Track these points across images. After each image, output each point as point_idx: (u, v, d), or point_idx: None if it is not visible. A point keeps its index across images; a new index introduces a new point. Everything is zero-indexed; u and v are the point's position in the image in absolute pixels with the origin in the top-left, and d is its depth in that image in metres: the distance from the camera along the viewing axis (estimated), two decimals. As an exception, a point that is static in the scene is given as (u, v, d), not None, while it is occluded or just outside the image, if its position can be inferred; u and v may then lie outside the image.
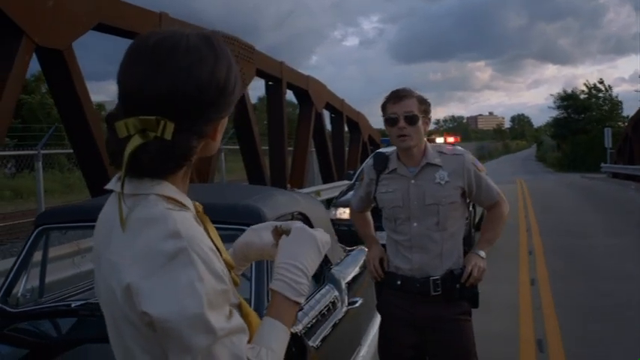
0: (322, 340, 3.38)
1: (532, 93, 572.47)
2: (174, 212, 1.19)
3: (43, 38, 7.24)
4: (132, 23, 9.16)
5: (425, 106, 3.13)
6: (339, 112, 23.27)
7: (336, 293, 3.88)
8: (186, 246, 1.15)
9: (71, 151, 9.87)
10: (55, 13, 7.33)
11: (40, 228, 3.41)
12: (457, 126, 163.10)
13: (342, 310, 3.83)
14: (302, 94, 18.59)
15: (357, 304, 3.95)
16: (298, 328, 3.15)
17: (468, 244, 10.67)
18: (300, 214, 3.82)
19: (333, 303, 3.78)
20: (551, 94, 75.05)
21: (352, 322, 3.99)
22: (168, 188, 1.24)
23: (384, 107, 3.15)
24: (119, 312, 1.21)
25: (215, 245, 1.27)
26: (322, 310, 3.56)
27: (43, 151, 9.68)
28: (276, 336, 1.29)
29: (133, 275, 1.15)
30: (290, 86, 17.35)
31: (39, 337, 3.32)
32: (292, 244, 1.39)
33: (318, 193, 16.30)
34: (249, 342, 1.25)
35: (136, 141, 1.18)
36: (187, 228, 1.18)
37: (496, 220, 3.30)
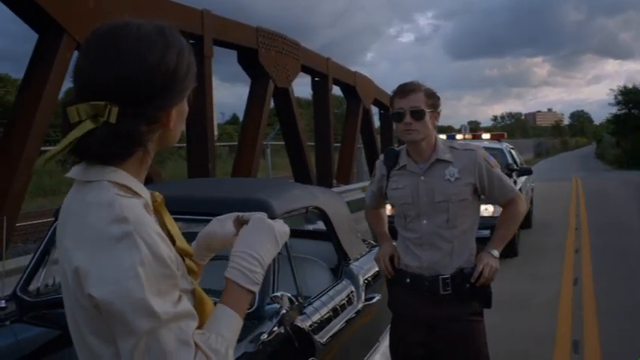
0: (334, 336, 3.36)
1: (592, 89, 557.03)
2: (122, 198, 1.21)
3: (84, 36, 7.36)
4: (173, 21, 9.25)
5: (433, 100, 3.05)
6: (387, 108, 23.02)
7: (353, 289, 3.85)
8: (132, 230, 1.16)
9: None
10: (95, 12, 7.49)
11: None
12: (515, 123, 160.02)
13: (358, 306, 3.80)
14: (349, 90, 18.54)
15: (373, 300, 3.90)
16: (306, 323, 3.14)
17: (511, 243, 10.50)
18: (317, 208, 3.80)
19: (349, 299, 3.75)
20: (611, 89, 72.84)
21: (370, 319, 3.95)
22: (121, 176, 1.25)
23: (391, 102, 3.10)
24: (72, 296, 1.23)
25: (169, 233, 1.30)
26: (335, 305, 3.53)
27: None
28: (228, 323, 1.29)
29: (81, 258, 1.17)
30: (337, 82, 17.31)
31: (55, 324, 3.38)
32: (250, 233, 1.40)
33: (364, 189, 16.24)
34: (200, 329, 1.25)
35: (86, 126, 1.20)
36: (134, 214, 1.19)
37: (511, 218, 3.19)
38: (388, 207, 3.51)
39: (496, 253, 3.09)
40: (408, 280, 3.11)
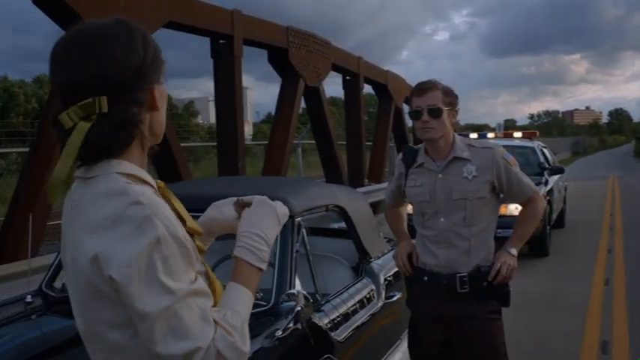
0: (352, 334, 3.38)
1: (631, 86, 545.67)
2: (134, 185, 1.26)
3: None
4: (203, 21, 9.38)
5: (450, 98, 3.05)
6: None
7: (373, 287, 3.86)
8: (149, 213, 1.21)
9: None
10: (126, 12, 7.60)
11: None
12: (552, 121, 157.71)
13: (378, 304, 3.81)
14: (381, 89, 18.49)
15: (394, 299, 3.91)
16: (324, 320, 3.16)
17: (542, 242, 10.33)
18: (337, 206, 3.82)
19: (369, 297, 3.76)
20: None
21: (391, 317, 3.96)
22: (127, 166, 1.31)
23: (409, 100, 3.11)
24: (87, 286, 1.26)
25: (179, 214, 1.35)
26: (354, 303, 3.55)
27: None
28: (241, 299, 1.35)
29: (99, 245, 1.21)
30: (368, 81, 17.28)
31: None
32: (254, 214, 1.47)
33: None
34: (214, 307, 1.30)
35: (83, 126, 1.26)
36: (148, 198, 1.25)
37: (529, 217, 3.17)
38: (410, 206, 3.52)
39: (514, 251, 3.08)
40: (425, 278, 3.12)
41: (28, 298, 3.29)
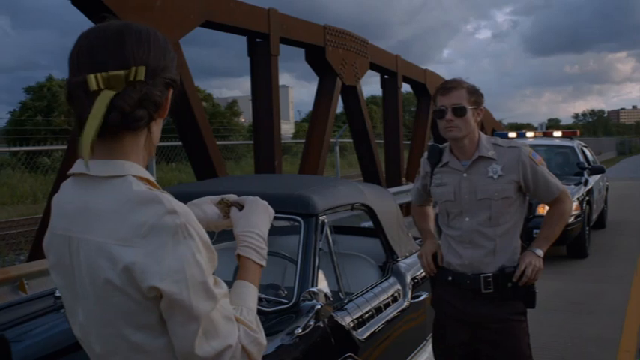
0: (376, 333, 3.36)
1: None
2: (164, 194, 1.29)
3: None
4: (239, 19, 9.42)
5: (475, 96, 3.01)
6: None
7: (399, 287, 3.84)
8: (184, 222, 1.26)
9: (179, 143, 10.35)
10: (162, 12, 7.68)
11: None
12: (597, 120, 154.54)
13: (404, 304, 3.79)
14: (419, 88, 18.36)
15: (420, 299, 3.88)
16: (346, 319, 3.15)
17: (580, 243, 10.15)
18: (364, 205, 3.81)
19: (394, 296, 3.74)
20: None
21: (417, 317, 3.93)
22: (140, 170, 1.34)
23: (434, 99, 3.08)
24: (109, 292, 1.27)
25: None
26: (379, 303, 3.53)
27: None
28: (250, 295, 1.43)
29: (134, 254, 1.23)
30: (407, 80, 17.18)
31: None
32: (252, 214, 1.55)
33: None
34: None
35: (108, 93, 1.27)
36: (180, 206, 1.28)
37: (557, 217, 3.10)
38: None
39: (540, 252, 3.02)
40: (450, 278, 3.09)
41: (57, 293, 3.36)
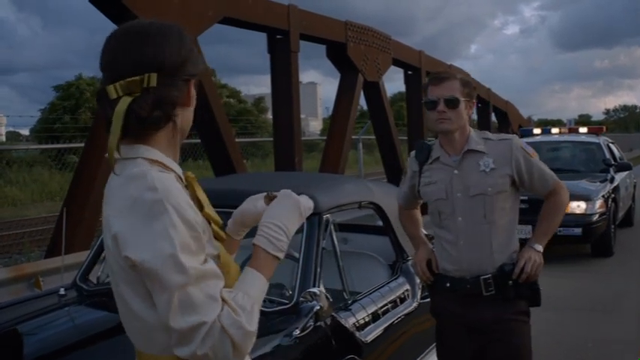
0: (382, 334, 3.30)
1: None
2: (153, 171, 1.39)
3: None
4: (258, 16, 9.39)
5: (468, 89, 2.90)
6: (486, 101, 22.52)
7: (408, 287, 3.77)
8: (161, 198, 1.34)
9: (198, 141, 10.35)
10: (181, 8, 7.67)
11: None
12: (629, 116, 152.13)
13: (412, 304, 3.72)
14: (444, 84, 18.20)
15: (429, 299, 3.80)
16: (350, 320, 3.10)
17: (606, 241, 9.95)
18: (372, 203, 3.75)
19: (402, 297, 3.67)
20: None
21: (425, 318, 3.84)
22: (154, 153, 1.45)
23: (425, 90, 2.96)
24: (114, 260, 1.42)
25: (200, 202, 1.50)
26: (386, 303, 3.47)
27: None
28: (254, 283, 1.45)
29: (119, 225, 1.36)
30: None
31: (112, 310, 3.52)
32: (277, 206, 1.58)
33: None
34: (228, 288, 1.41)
35: (126, 100, 1.40)
36: (163, 184, 1.37)
37: (554, 210, 2.96)
38: None
39: (539, 247, 2.88)
40: (448, 284, 2.95)
41: (62, 291, 3.37)
